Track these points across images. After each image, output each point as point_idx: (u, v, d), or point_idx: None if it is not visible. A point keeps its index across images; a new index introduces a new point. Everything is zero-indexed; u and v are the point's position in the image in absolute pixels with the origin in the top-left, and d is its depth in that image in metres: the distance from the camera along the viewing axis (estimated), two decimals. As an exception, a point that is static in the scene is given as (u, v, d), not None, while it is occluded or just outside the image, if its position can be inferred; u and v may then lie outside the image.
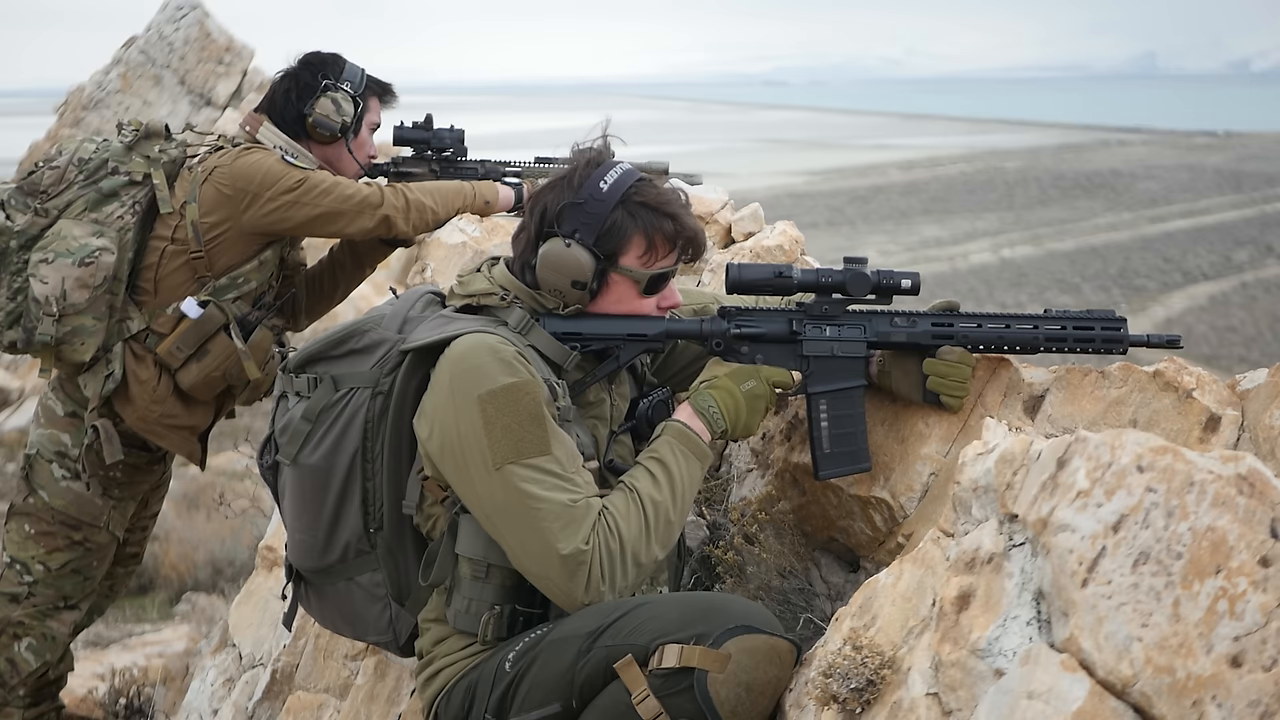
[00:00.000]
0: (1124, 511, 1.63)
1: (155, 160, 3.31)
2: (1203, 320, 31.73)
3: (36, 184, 3.26)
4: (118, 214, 3.26)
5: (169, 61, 8.77)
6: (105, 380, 3.28)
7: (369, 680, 2.97)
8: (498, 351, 2.12)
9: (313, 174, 3.33)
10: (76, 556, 3.40)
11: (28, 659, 3.42)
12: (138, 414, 3.31)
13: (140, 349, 3.30)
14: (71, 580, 3.42)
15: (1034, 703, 1.57)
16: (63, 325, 3.20)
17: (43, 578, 3.38)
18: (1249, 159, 58.24)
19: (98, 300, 3.22)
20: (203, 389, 3.34)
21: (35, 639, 3.42)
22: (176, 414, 3.35)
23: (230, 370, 3.35)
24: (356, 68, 3.52)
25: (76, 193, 3.25)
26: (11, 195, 3.25)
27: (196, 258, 3.29)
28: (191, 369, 3.31)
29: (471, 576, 2.19)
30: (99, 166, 3.28)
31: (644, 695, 1.96)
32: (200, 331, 3.30)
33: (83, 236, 3.20)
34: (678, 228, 2.25)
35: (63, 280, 3.17)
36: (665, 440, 2.23)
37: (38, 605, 3.40)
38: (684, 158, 4.88)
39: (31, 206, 3.24)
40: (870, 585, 1.99)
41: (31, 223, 3.23)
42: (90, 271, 3.19)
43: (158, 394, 3.30)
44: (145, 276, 3.30)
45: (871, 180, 54.38)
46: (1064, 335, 2.34)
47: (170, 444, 3.37)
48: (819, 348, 2.37)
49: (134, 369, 3.29)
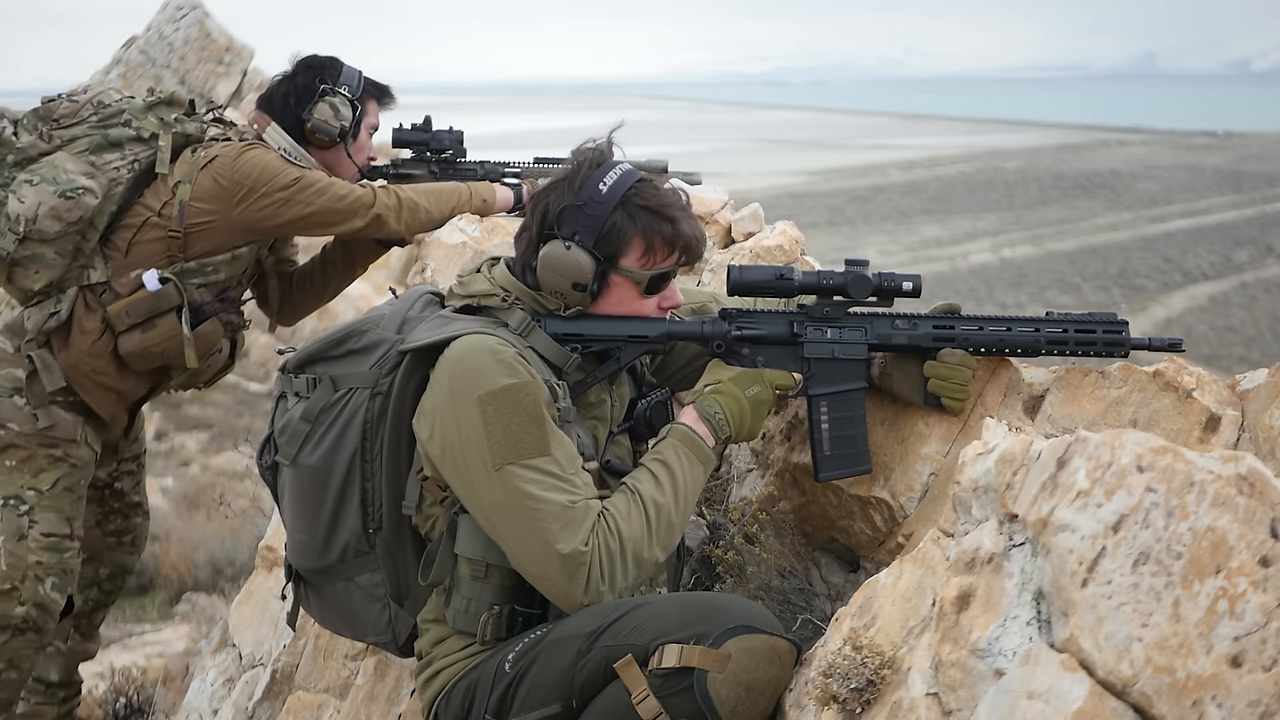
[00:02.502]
0: (1124, 511, 1.63)
1: (168, 125, 3.34)
2: (1203, 320, 31.74)
3: (51, 111, 3.29)
4: (114, 164, 3.27)
5: (169, 61, 8.76)
6: (49, 317, 3.28)
7: (369, 680, 2.97)
8: (497, 353, 2.12)
9: (308, 173, 3.34)
10: (63, 474, 3.37)
11: (55, 598, 3.40)
12: (71, 360, 3.31)
13: (94, 301, 3.30)
14: (67, 499, 3.38)
15: (1034, 703, 1.57)
16: (23, 248, 3.21)
17: (38, 502, 3.34)
18: (1249, 159, 58.25)
19: (66, 237, 3.22)
20: (139, 360, 3.34)
21: (57, 576, 3.38)
22: (107, 374, 3.34)
23: (170, 351, 3.35)
24: (354, 71, 3.53)
25: (84, 131, 3.28)
26: (26, 116, 3.29)
27: (173, 237, 3.29)
28: (134, 336, 3.30)
29: (470, 577, 2.19)
30: (114, 114, 3.31)
31: (644, 695, 1.96)
32: (152, 305, 3.30)
33: (74, 171, 3.22)
34: (676, 231, 2.25)
35: (38, 205, 3.18)
36: (669, 443, 2.23)
37: (47, 535, 3.35)
38: (684, 158, 4.87)
39: (39, 130, 3.27)
40: (870, 585, 1.99)
41: (33, 144, 3.25)
42: (67, 206, 3.19)
43: (95, 348, 3.30)
44: (121, 235, 3.30)
45: (871, 180, 54.38)
46: (1065, 338, 2.34)
47: (94, 400, 3.36)
48: (820, 350, 2.37)
49: (81, 316, 3.29)
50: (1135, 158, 59.81)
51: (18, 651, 3.36)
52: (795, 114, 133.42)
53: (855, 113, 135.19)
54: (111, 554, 3.80)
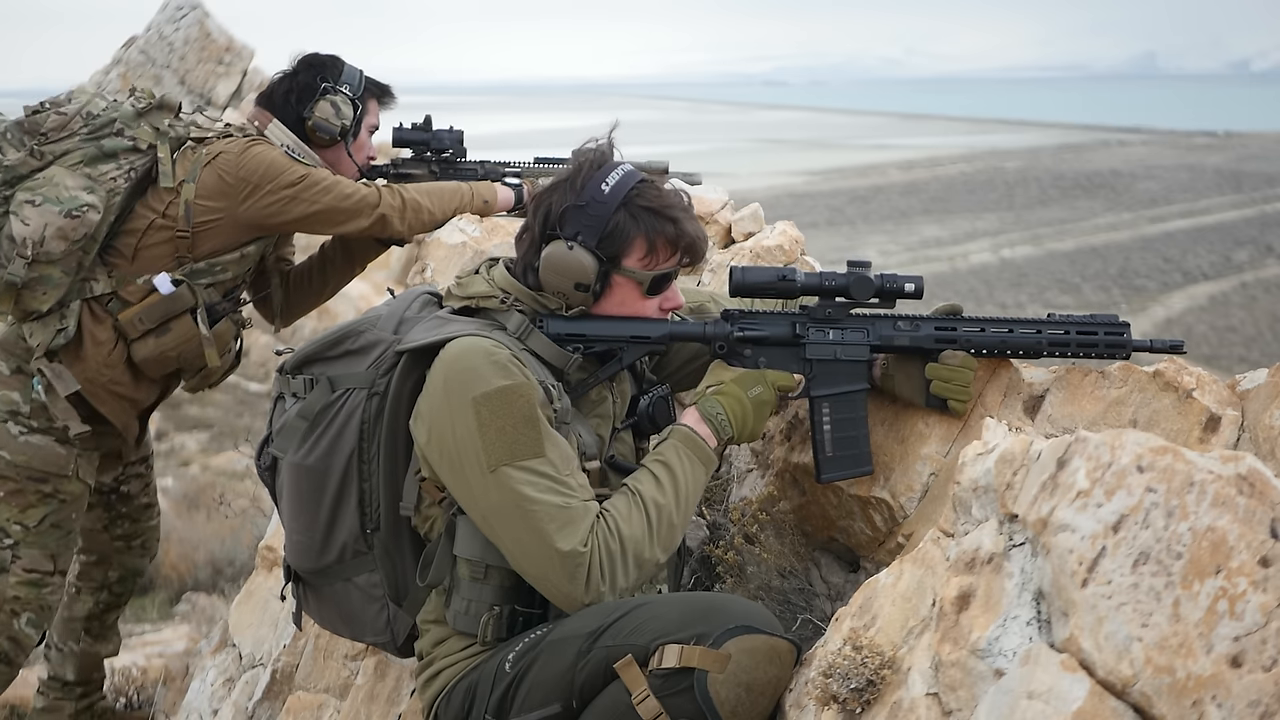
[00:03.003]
0: (1124, 511, 1.63)
1: (164, 134, 3.31)
2: (1203, 320, 31.74)
3: (38, 125, 3.23)
4: (111, 175, 3.23)
5: (169, 61, 8.76)
6: (56, 334, 3.24)
7: (369, 680, 2.97)
8: (492, 354, 2.12)
9: (314, 171, 3.34)
10: (52, 510, 3.34)
11: (29, 634, 3.38)
12: (87, 373, 3.28)
13: (101, 311, 3.27)
14: (53, 535, 3.36)
15: (1034, 703, 1.57)
16: (31, 271, 3.17)
17: (23, 538, 3.32)
18: (1249, 159, 58.26)
19: (70, 255, 3.19)
20: (154, 365, 3.32)
21: (34, 612, 3.37)
22: (123, 383, 3.32)
23: (186, 353, 3.34)
24: (355, 70, 3.52)
25: (76, 144, 3.23)
26: (9, 129, 3.22)
27: (181, 237, 3.27)
28: (148, 342, 3.29)
29: (470, 577, 2.19)
30: (105, 125, 3.26)
31: (644, 695, 1.96)
32: (167, 309, 3.28)
33: (74, 189, 3.17)
34: (679, 231, 2.25)
35: (45, 226, 3.14)
36: (671, 444, 2.23)
37: (29, 571, 3.34)
38: (684, 158, 4.88)
39: (27, 145, 3.21)
40: (870, 585, 1.99)
41: (23, 161, 3.19)
42: (74, 225, 3.16)
43: (110, 359, 3.28)
44: (125, 242, 3.27)
45: (871, 180, 54.39)
46: (1067, 340, 2.34)
47: (110, 411, 3.34)
48: (822, 351, 2.37)
49: (91, 329, 3.27)
50: (1135, 158, 59.83)
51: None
52: (795, 114, 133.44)
53: (855, 113, 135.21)
54: (120, 557, 3.78)
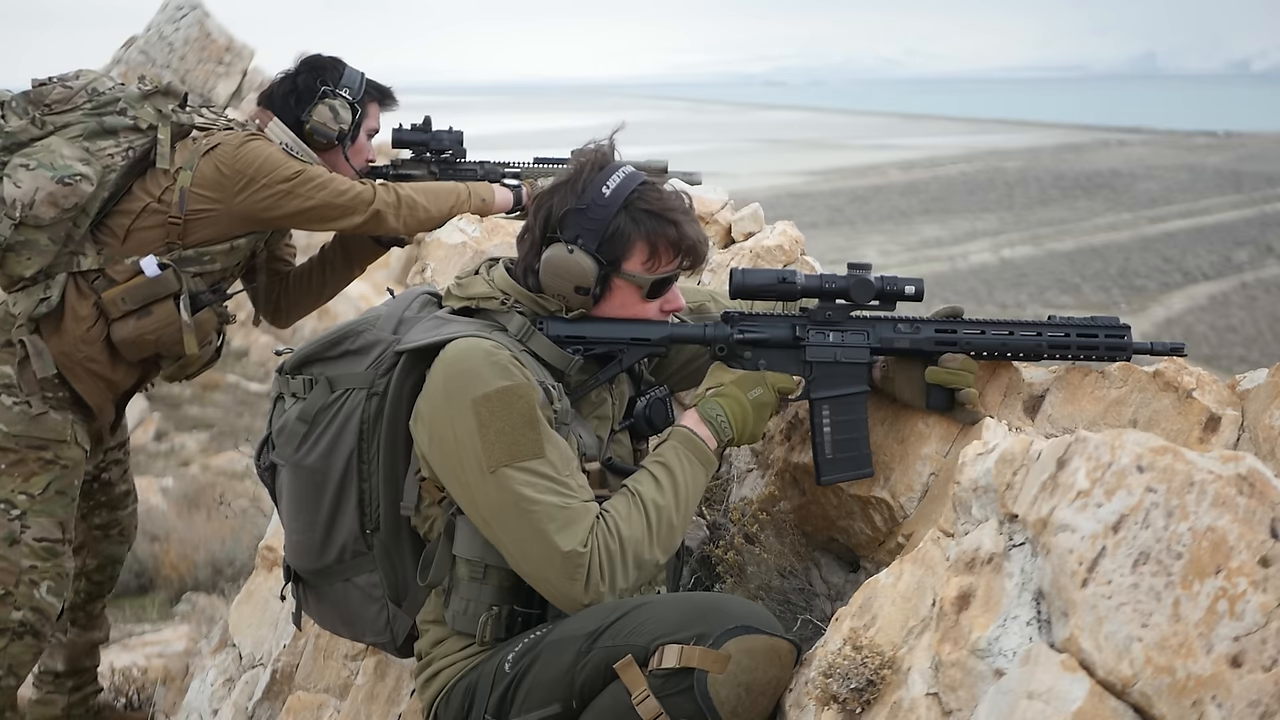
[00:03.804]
0: (1124, 511, 1.63)
1: (166, 116, 3.32)
2: (1203, 320, 31.73)
3: (43, 96, 3.26)
4: (109, 151, 3.25)
5: (169, 61, 8.76)
6: (39, 303, 3.26)
7: (369, 680, 2.97)
8: (491, 355, 2.12)
9: (309, 167, 3.35)
10: (55, 477, 3.35)
11: (52, 602, 3.38)
12: (64, 347, 3.29)
13: (86, 287, 3.28)
14: (59, 502, 3.37)
15: (1034, 703, 1.57)
16: (17, 233, 3.19)
17: (29, 507, 3.32)
18: (1249, 159, 58.27)
19: (60, 224, 3.21)
20: (132, 348, 3.32)
21: (52, 580, 3.37)
22: (100, 361, 3.32)
23: (164, 339, 3.34)
24: (356, 73, 3.52)
25: (79, 117, 3.26)
26: (15, 99, 3.26)
27: (174, 223, 3.28)
28: (129, 323, 3.29)
29: (469, 578, 2.19)
30: (109, 102, 3.29)
31: (644, 695, 1.96)
32: (150, 291, 3.28)
33: (70, 158, 3.20)
34: (680, 235, 2.24)
35: (35, 190, 3.16)
36: (671, 445, 2.23)
37: (39, 540, 3.34)
38: (684, 158, 4.87)
39: (30, 114, 3.24)
40: (870, 585, 1.99)
41: (24, 129, 3.22)
42: (65, 193, 3.18)
43: (89, 335, 3.29)
44: (118, 222, 3.29)
45: (871, 180, 54.39)
46: (1068, 342, 2.33)
47: (85, 388, 3.34)
48: (822, 353, 2.37)
49: (74, 303, 3.28)
50: (1135, 158, 59.83)
51: (17, 656, 3.36)
52: (795, 114, 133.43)
53: (855, 113, 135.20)
54: (98, 546, 3.77)
